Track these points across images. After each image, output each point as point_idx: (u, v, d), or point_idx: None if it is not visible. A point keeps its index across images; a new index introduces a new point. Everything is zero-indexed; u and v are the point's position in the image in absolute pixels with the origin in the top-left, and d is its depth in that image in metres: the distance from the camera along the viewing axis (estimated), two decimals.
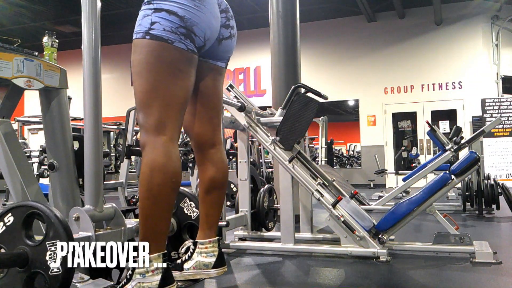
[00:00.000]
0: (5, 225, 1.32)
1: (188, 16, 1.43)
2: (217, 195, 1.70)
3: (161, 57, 1.42)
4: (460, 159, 2.67)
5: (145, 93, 1.44)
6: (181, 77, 1.46)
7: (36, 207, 1.30)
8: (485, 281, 1.99)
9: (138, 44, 1.44)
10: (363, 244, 2.33)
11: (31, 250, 1.28)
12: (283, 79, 4.20)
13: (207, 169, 1.68)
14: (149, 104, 1.43)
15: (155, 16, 1.42)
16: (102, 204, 1.57)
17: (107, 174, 6.36)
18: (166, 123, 1.43)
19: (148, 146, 1.42)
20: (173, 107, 1.45)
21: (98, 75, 1.56)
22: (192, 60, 1.49)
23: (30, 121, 6.17)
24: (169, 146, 1.42)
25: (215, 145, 1.70)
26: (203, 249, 1.67)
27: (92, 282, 1.47)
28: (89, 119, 1.55)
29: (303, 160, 2.67)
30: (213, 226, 1.70)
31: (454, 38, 8.61)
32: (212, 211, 1.69)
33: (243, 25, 9.21)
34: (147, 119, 1.44)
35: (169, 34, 1.41)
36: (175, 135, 1.47)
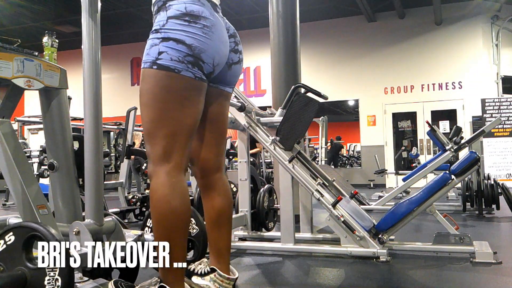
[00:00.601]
0: (5, 243, 1.31)
1: (196, 44, 1.41)
2: (226, 226, 1.67)
3: (167, 87, 1.41)
4: (460, 159, 2.67)
5: (151, 123, 1.43)
6: (188, 105, 1.44)
7: (38, 230, 1.29)
8: (485, 281, 1.99)
9: (146, 73, 1.43)
10: (363, 244, 2.33)
11: (30, 272, 1.26)
12: (283, 79, 4.20)
13: (213, 197, 1.65)
14: (155, 134, 1.42)
15: (162, 46, 1.40)
16: (102, 218, 1.56)
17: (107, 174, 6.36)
18: (172, 152, 1.41)
19: (153, 176, 1.41)
20: (179, 136, 1.43)
21: (98, 75, 1.56)
22: (201, 87, 1.48)
23: (30, 121, 6.17)
24: (174, 175, 1.40)
25: (219, 170, 1.68)
26: (219, 281, 1.62)
27: (92, 282, 1.47)
28: (89, 119, 1.55)
29: (303, 160, 2.67)
30: (226, 256, 1.66)
31: (454, 38, 8.61)
32: (222, 241, 1.66)
33: (243, 25, 9.21)
34: (153, 149, 1.43)
35: (176, 63, 1.39)
36: (182, 163, 1.44)
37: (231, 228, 1.72)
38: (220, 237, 1.65)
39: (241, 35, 1.73)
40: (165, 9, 1.43)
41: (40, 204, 1.54)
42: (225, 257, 1.65)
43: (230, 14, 8.69)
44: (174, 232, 1.39)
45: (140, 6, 8.49)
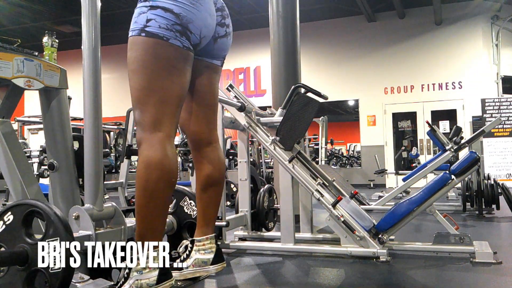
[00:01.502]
0: (4, 224, 1.32)
1: (184, 14, 1.42)
2: (214, 193, 1.70)
3: (156, 54, 1.42)
4: (460, 159, 2.67)
5: (140, 90, 1.44)
6: (177, 74, 1.46)
7: (36, 205, 1.30)
8: (485, 281, 1.99)
9: (134, 41, 1.44)
10: (363, 244, 2.33)
11: (31, 248, 1.28)
12: (283, 79, 4.20)
13: (203, 167, 1.68)
14: (145, 101, 1.43)
15: (150, 14, 1.42)
16: (102, 203, 1.57)
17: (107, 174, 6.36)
18: (163, 120, 1.43)
19: (144, 143, 1.42)
20: (169, 104, 1.45)
21: (98, 75, 1.56)
22: (188, 57, 1.49)
23: (30, 121, 6.18)
24: (166, 143, 1.43)
25: (212, 143, 1.70)
26: (201, 246, 1.67)
27: (92, 282, 1.47)
28: (89, 119, 1.55)
29: (303, 160, 2.67)
30: (210, 223, 1.70)
31: (454, 38, 8.61)
32: (209, 208, 1.70)
33: (243, 25, 9.21)
34: (143, 116, 1.44)
35: (165, 31, 1.41)
36: (172, 132, 1.47)
37: (219, 197, 1.74)
38: (207, 203, 1.68)
39: (241, 35, 1.74)
40: None
41: None
42: (210, 224, 1.69)
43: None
44: (160, 199, 1.42)
45: None
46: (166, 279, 1.40)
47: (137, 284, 1.36)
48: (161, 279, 1.38)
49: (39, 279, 1.29)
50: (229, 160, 6.32)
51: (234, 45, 1.77)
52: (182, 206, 2.06)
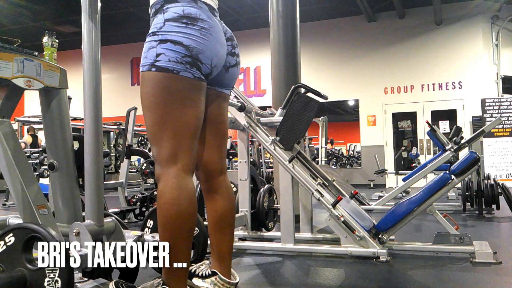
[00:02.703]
0: (5, 244, 1.31)
1: (193, 45, 1.41)
2: (229, 229, 1.66)
3: (167, 88, 1.40)
4: (460, 159, 2.67)
5: (155, 126, 1.42)
6: (190, 105, 1.44)
7: (38, 231, 1.29)
8: (485, 281, 1.99)
9: (145, 77, 1.43)
10: (363, 244, 2.33)
11: (29, 274, 1.26)
12: (283, 79, 4.20)
13: (216, 200, 1.64)
14: (160, 137, 1.42)
15: (160, 48, 1.40)
16: (102, 218, 1.56)
17: (107, 174, 6.37)
18: (178, 153, 1.41)
19: (161, 179, 1.40)
20: (184, 136, 1.43)
21: (98, 75, 1.56)
22: (200, 87, 1.47)
23: (30, 121, 6.18)
24: (182, 177, 1.40)
25: (223, 173, 1.68)
26: (219, 284, 1.61)
27: (92, 282, 1.47)
28: (89, 119, 1.55)
29: (303, 160, 2.67)
30: (228, 259, 1.65)
31: (454, 38, 8.61)
32: (225, 245, 1.64)
33: (243, 25, 9.21)
34: (159, 151, 1.42)
35: (175, 64, 1.39)
36: (190, 164, 1.44)
37: (233, 232, 1.71)
38: (222, 240, 1.64)
39: (241, 35, 1.74)
40: (163, 12, 1.42)
41: (40, 204, 1.54)
42: (226, 261, 1.64)
43: (230, 14, 8.69)
44: (180, 235, 1.38)
45: (140, 6, 8.49)
46: None
47: None
48: None
49: None
50: (229, 160, 6.32)
51: None
52: None
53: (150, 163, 4.74)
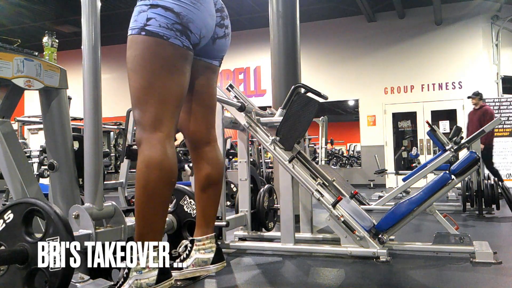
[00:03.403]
0: (5, 222, 1.32)
1: (184, 13, 1.42)
2: (213, 192, 1.70)
3: (156, 53, 1.41)
4: (460, 159, 2.67)
5: (140, 89, 1.43)
6: (177, 73, 1.46)
7: (36, 204, 1.30)
8: (485, 281, 1.99)
9: (133, 40, 1.44)
10: (363, 244, 2.33)
11: (31, 247, 1.27)
12: (283, 79, 4.20)
13: (202, 167, 1.68)
14: (145, 101, 1.43)
15: (150, 12, 1.41)
16: (101, 202, 1.57)
17: (107, 174, 6.36)
18: (163, 119, 1.43)
19: (144, 143, 1.42)
20: (169, 104, 1.44)
21: (98, 75, 1.56)
22: (188, 56, 1.49)
23: (30, 121, 6.17)
24: (166, 143, 1.42)
25: (210, 143, 1.70)
26: (201, 246, 1.67)
27: (92, 282, 1.47)
28: (89, 119, 1.55)
29: (303, 160, 2.67)
30: (210, 223, 1.71)
31: (454, 38, 8.61)
32: (208, 208, 1.70)
33: (243, 25, 9.21)
34: (143, 115, 1.43)
35: (165, 30, 1.40)
36: (172, 132, 1.46)
37: (218, 196, 1.74)
38: (206, 203, 1.68)
39: (241, 35, 1.74)
40: None
41: None
42: (210, 224, 1.70)
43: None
44: (160, 199, 1.42)
45: None
46: (165, 278, 1.40)
47: (137, 284, 1.36)
48: (161, 279, 1.38)
49: (39, 278, 1.29)
50: (229, 160, 6.31)
51: (234, 45, 1.77)
52: (182, 205, 2.06)
53: None
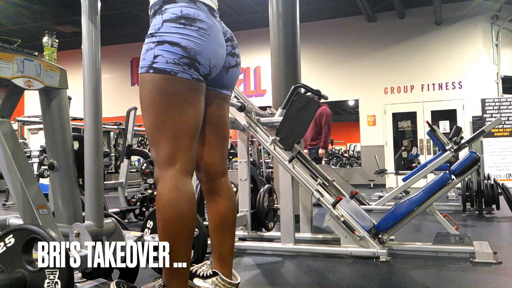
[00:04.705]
0: (5, 245, 1.31)
1: (191, 46, 1.40)
2: (230, 230, 1.66)
3: (165, 90, 1.40)
4: (460, 159, 2.67)
5: (153, 127, 1.42)
6: (188, 106, 1.43)
7: (38, 233, 1.29)
8: (485, 281, 1.99)
9: (143, 79, 1.43)
10: (363, 244, 2.33)
11: (29, 275, 1.26)
12: (283, 79, 4.20)
13: (217, 202, 1.64)
14: (158, 138, 1.41)
15: (158, 49, 1.40)
16: (102, 219, 1.56)
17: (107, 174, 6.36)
18: (177, 155, 1.40)
19: (160, 181, 1.40)
20: (183, 138, 1.42)
21: (98, 75, 1.56)
22: (199, 88, 1.47)
23: (30, 121, 6.18)
24: (180, 179, 1.39)
25: (224, 174, 1.67)
26: (221, 285, 1.61)
27: (92, 282, 1.47)
28: (89, 119, 1.55)
29: (303, 160, 2.67)
30: (229, 259, 1.65)
31: (454, 38, 8.61)
32: (226, 245, 1.64)
33: (243, 25, 9.20)
34: (157, 153, 1.42)
35: (172, 66, 1.39)
36: (188, 167, 1.43)
37: (234, 233, 1.70)
38: (223, 242, 1.64)
39: (241, 35, 1.74)
40: (161, 13, 1.42)
41: (40, 204, 1.54)
42: (228, 262, 1.64)
43: (230, 14, 8.68)
44: (180, 237, 1.38)
45: (140, 6, 8.49)
46: None
47: None
48: None
49: None
50: (229, 160, 6.31)
51: None
52: None
53: (150, 163, 4.74)
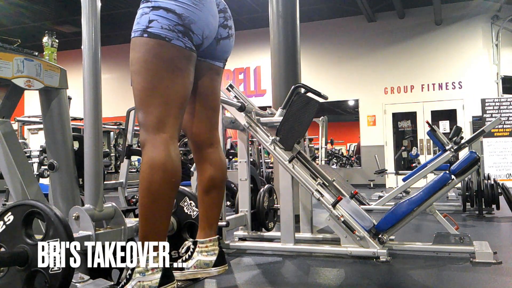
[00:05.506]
0: (5, 224, 1.32)
1: (186, 14, 1.42)
2: (216, 195, 1.70)
3: (159, 55, 1.41)
4: (460, 159, 2.67)
5: (144, 91, 1.43)
6: (180, 74, 1.46)
7: (36, 206, 1.30)
8: (485, 281, 1.99)
9: (136, 42, 1.44)
10: (363, 244, 2.33)
11: (31, 249, 1.27)
12: (283, 79, 4.20)
13: (205, 168, 1.68)
14: (149, 102, 1.43)
15: (153, 14, 1.42)
16: (102, 204, 1.57)
17: (107, 174, 6.36)
18: (166, 121, 1.43)
19: (148, 144, 1.42)
20: (172, 105, 1.44)
21: (98, 75, 1.56)
22: (191, 57, 1.49)
23: (30, 121, 6.18)
24: (169, 144, 1.42)
25: (213, 144, 1.70)
26: (204, 248, 1.67)
27: (92, 282, 1.47)
28: (89, 119, 1.55)
29: (303, 160, 2.67)
30: (213, 225, 1.71)
31: (454, 38, 8.61)
32: (211, 210, 1.70)
33: (243, 25, 9.21)
34: (146, 117, 1.43)
35: (167, 32, 1.41)
36: (175, 133, 1.46)
37: (221, 198, 1.75)
38: (210, 205, 1.68)
39: (241, 35, 1.74)
40: None
41: None
42: (213, 226, 1.70)
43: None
44: (164, 201, 1.41)
45: None
46: (168, 282, 1.40)
47: (139, 285, 1.36)
48: (164, 282, 1.38)
49: (39, 280, 1.29)
50: (229, 160, 6.31)
51: (234, 45, 1.76)
52: (182, 206, 2.06)
53: None
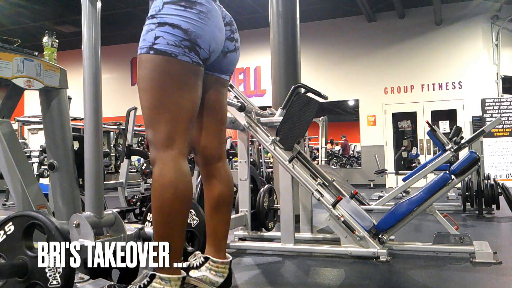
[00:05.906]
0: (5, 233, 1.31)
1: (192, 29, 1.41)
2: (225, 212, 1.67)
3: (166, 72, 1.41)
4: (460, 159, 2.67)
5: (152, 109, 1.42)
6: (188, 90, 1.45)
7: (37, 218, 1.29)
8: (485, 281, 1.99)
9: (143, 59, 1.43)
10: (363, 244, 2.33)
11: (30, 261, 1.27)
12: (283, 79, 4.20)
13: (214, 185, 1.66)
14: (157, 120, 1.42)
15: (158, 31, 1.40)
16: (102, 211, 1.56)
17: (107, 174, 6.36)
18: (175, 137, 1.41)
19: (157, 162, 1.41)
20: (181, 121, 1.43)
21: (98, 75, 1.56)
22: (198, 72, 1.48)
23: (30, 121, 6.18)
24: (179, 161, 1.41)
25: (222, 158, 1.68)
26: (214, 267, 1.63)
27: (92, 282, 1.47)
28: (89, 119, 1.55)
29: (303, 160, 2.67)
30: (223, 242, 1.67)
31: (454, 38, 8.61)
32: (220, 228, 1.66)
33: (243, 25, 9.20)
34: (155, 135, 1.42)
35: (173, 48, 1.40)
36: (185, 149, 1.45)
37: (230, 215, 1.73)
38: (218, 222, 1.66)
39: (241, 35, 1.73)
40: None
41: (40, 204, 1.55)
42: (222, 244, 1.67)
43: (230, 14, 8.66)
44: (175, 219, 1.40)
45: (140, 6, 8.49)
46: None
47: None
48: None
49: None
50: (229, 160, 6.31)
51: None
52: None
53: (150, 163, 4.74)
